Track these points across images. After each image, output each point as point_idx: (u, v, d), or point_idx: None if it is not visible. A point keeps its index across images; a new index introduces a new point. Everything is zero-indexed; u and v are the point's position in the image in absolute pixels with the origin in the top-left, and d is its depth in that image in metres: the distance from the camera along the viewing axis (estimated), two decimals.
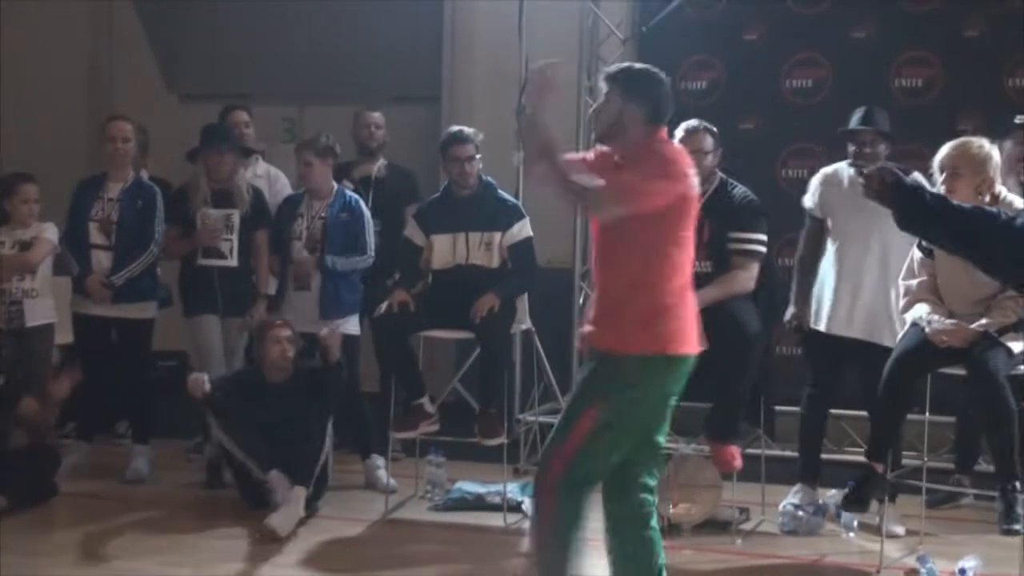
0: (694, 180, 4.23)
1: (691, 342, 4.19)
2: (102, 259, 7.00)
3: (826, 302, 6.16)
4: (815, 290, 6.22)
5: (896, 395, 5.47)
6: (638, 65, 4.49)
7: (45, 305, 7.01)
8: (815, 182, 6.27)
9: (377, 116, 7.67)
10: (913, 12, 7.74)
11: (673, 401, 4.27)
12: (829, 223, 6.20)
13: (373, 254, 6.93)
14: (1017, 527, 5.34)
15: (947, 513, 6.39)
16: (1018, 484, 5.38)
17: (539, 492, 4.25)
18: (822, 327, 6.17)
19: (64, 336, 7.27)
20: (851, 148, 6.12)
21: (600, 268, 4.29)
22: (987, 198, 5.39)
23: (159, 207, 7.07)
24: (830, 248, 6.20)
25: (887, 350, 5.64)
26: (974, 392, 5.39)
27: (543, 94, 4.15)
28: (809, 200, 6.26)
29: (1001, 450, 5.38)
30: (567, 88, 8.02)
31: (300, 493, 6.10)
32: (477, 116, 8.19)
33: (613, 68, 4.37)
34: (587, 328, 4.30)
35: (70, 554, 5.72)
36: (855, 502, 5.72)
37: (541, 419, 7.52)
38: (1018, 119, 6.80)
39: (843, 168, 6.18)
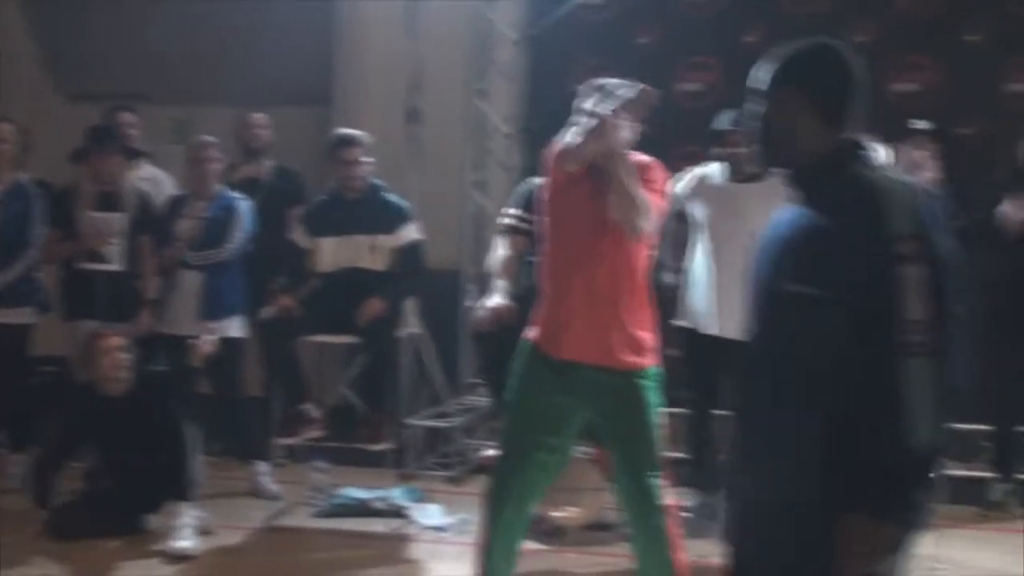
0: None
1: None
2: None
3: (704, 304, 6.15)
4: (688, 292, 6.21)
5: None
6: None
7: None
8: (689, 177, 6.24)
9: (261, 117, 7.57)
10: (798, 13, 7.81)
11: None
12: (700, 220, 6.17)
13: (231, 248, 6.74)
14: None
15: None
16: None
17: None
18: (701, 330, 6.15)
19: None
20: (721, 150, 6.14)
21: (603, 278, 4.30)
22: None
23: (38, 210, 6.90)
24: (704, 250, 6.18)
25: None
26: None
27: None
28: (679, 188, 6.20)
29: None
30: (455, 91, 8.02)
31: (185, 508, 5.94)
32: (368, 118, 8.12)
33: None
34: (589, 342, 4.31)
35: None
36: None
37: (428, 423, 7.45)
38: (915, 124, 6.91)
39: (717, 169, 6.17)
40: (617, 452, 4.48)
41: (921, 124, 6.85)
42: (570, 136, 4.26)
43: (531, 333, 4.52)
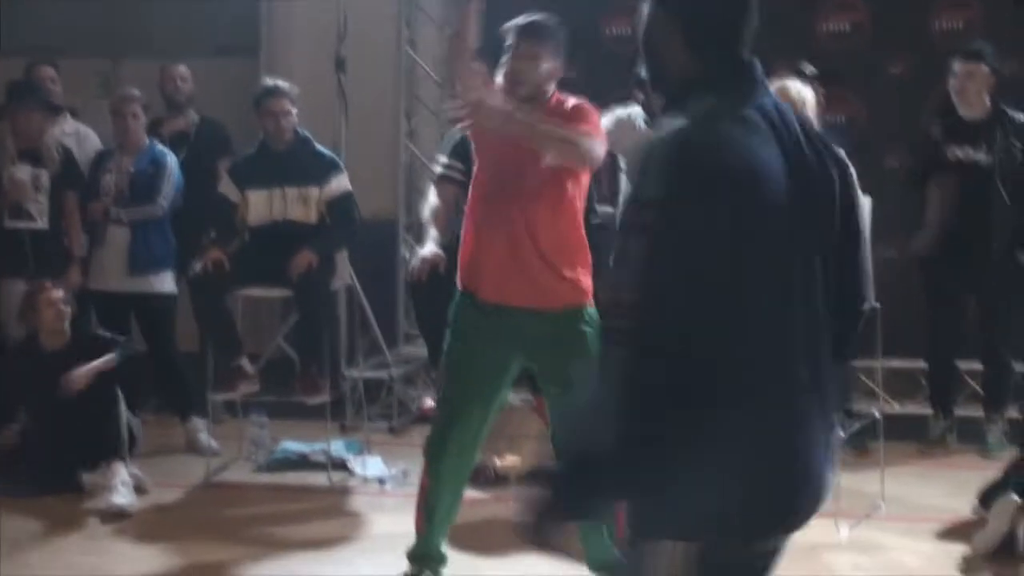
0: None
1: None
2: None
3: None
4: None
5: None
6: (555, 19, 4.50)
7: None
8: (607, 121, 6.19)
9: (182, 69, 7.44)
10: None
11: None
12: (622, 163, 6.14)
13: (163, 203, 6.68)
14: None
15: None
16: None
17: None
18: None
19: None
20: (642, 96, 6.07)
21: (538, 218, 4.28)
22: None
23: None
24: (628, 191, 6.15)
25: None
26: None
27: (458, 62, 4.24)
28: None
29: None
30: (384, 39, 7.91)
31: (119, 467, 5.85)
32: (296, 69, 8.04)
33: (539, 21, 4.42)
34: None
35: None
36: None
37: (367, 375, 7.40)
38: (805, 68, 6.89)
39: (637, 111, 6.14)
40: (554, 400, 4.45)
41: (807, 69, 6.87)
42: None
43: (459, 280, 4.49)
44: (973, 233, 6.41)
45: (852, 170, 2.51)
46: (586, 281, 4.38)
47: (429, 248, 5.65)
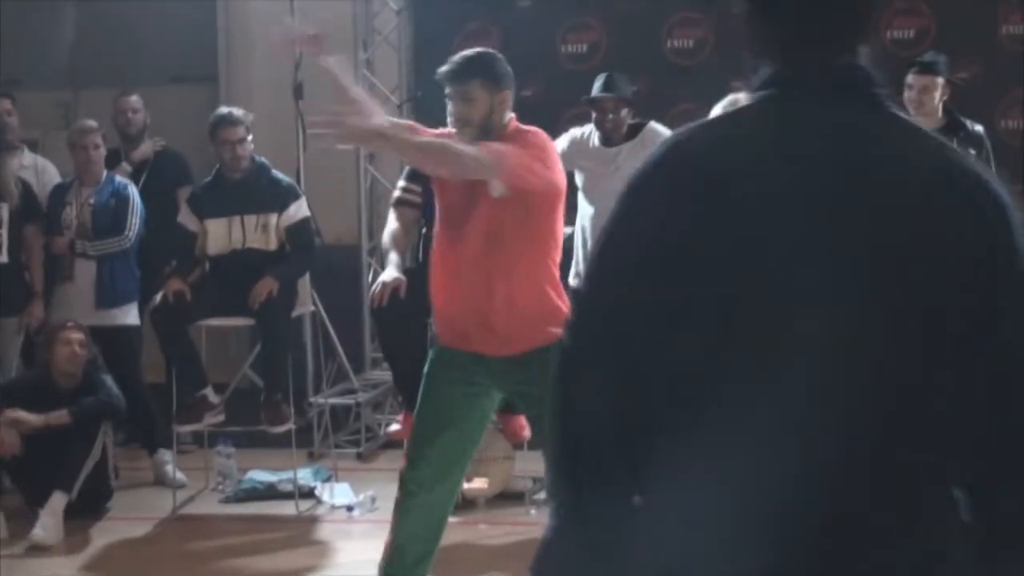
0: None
1: None
2: None
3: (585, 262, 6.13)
4: (579, 251, 6.17)
5: None
6: (482, 51, 4.46)
7: None
8: (563, 142, 6.19)
9: (134, 100, 7.35)
10: None
11: None
12: (579, 182, 6.12)
13: (130, 236, 6.63)
14: None
15: None
16: None
17: None
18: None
19: None
20: (594, 115, 6.13)
21: (487, 257, 4.16)
22: None
23: None
24: (586, 210, 6.14)
25: None
26: None
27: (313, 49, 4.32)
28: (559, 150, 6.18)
29: None
30: (344, 60, 7.86)
31: (59, 500, 5.79)
32: (255, 96, 8.01)
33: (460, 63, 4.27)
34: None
35: None
36: None
37: (332, 401, 7.36)
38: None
39: (591, 129, 6.18)
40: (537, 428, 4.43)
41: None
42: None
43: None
44: None
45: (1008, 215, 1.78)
46: (551, 308, 4.20)
47: (389, 272, 5.59)
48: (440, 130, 4.41)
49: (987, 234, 1.76)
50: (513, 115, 4.34)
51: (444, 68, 4.30)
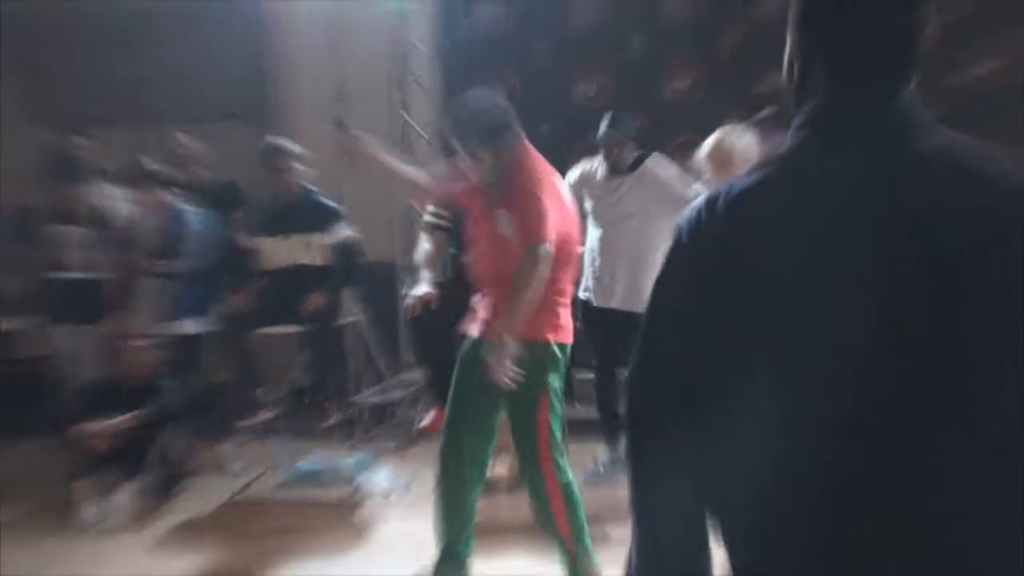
0: None
1: None
2: None
3: (593, 281, 6.27)
4: (588, 268, 6.30)
5: None
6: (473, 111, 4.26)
7: None
8: (573, 174, 6.30)
9: (183, 136, 7.53)
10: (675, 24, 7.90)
11: None
12: (587, 208, 6.23)
13: (191, 256, 6.76)
14: None
15: None
16: None
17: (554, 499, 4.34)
18: (594, 302, 6.27)
19: None
20: (603, 151, 6.21)
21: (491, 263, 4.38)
22: None
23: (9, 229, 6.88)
24: (593, 233, 6.26)
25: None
26: None
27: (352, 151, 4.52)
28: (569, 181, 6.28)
29: None
30: (379, 101, 8.01)
31: (130, 487, 5.96)
32: (302, 130, 8.09)
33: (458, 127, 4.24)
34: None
35: None
36: None
37: (372, 399, 7.47)
38: (763, 113, 7.01)
39: (600, 161, 6.25)
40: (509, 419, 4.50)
41: (766, 112, 6.97)
42: None
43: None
44: None
45: None
46: (548, 317, 4.29)
47: (422, 287, 5.78)
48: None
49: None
50: (515, 146, 4.26)
51: (447, 124, 4.28)
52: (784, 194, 1.75)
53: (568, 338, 4.37)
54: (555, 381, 4.29)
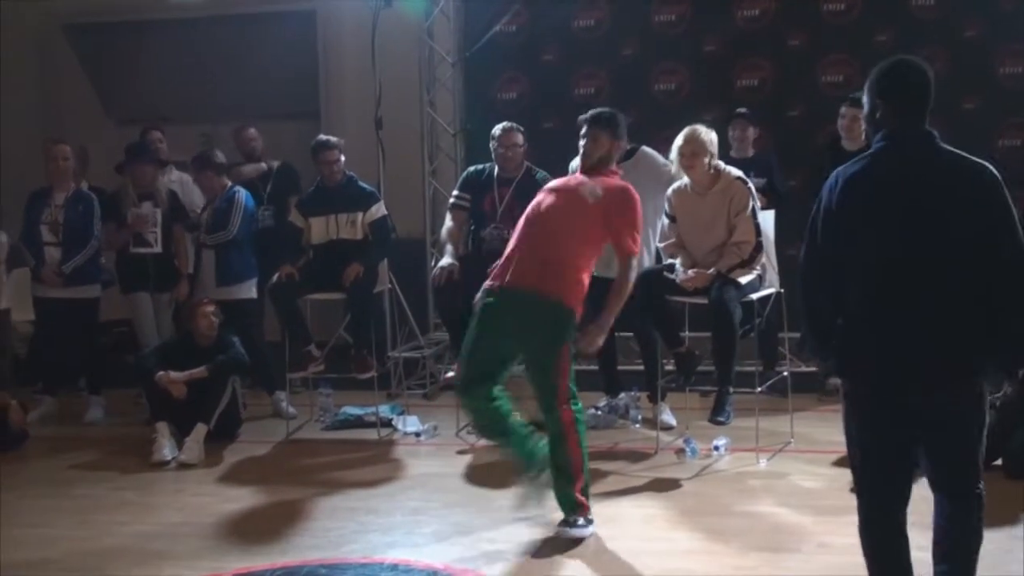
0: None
1: None
2: (53, 253, 6.66)
3: None
4: None
5: (649, 297, 5.36)
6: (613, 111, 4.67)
7: (3, 295, 6.72)
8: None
9: (253, 131, 7.37)
10: (666, 33, 7.71)
11: None
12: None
13: (232, 230, 6.55)
14: (722, 419, 5.31)
15: (707, 404, 6.34)
16: (730, 387, 5.33)
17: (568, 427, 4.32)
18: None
19: (27, 314, 6.94)
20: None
21: (553, 238, 4.39)
22: (712, 170, 5.37)
23: (96, 210, 6.76)
24: None
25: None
26: (712, 317, 5.25)
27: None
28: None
29: (723, 359, 5.28)
30: (411, 103, 7.87)
31: (201, 429, 5.85)
32: (348, 126, 7.99)
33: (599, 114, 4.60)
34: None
35: (39, 485, 5.43)
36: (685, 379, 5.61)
37: (405, 355, 7.38)
38: (740, 110, 6.86)
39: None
40: (528, 362, 4.44)
41: (741, 110, 6.84)
42: None
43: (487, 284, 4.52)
44: None
45: (999, 185, 2.95)
46: (576, 289, 4.38)
47: (446, 260, 5.68)
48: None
49: (985, 193, 2.96)
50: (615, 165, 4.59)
51: (588, 114, 4.59)
52: (875, 174, 3.04)
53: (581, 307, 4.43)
54: (571, 338, 4.33)
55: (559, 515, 4.39)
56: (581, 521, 4.32)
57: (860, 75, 7.24)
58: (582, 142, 4.55)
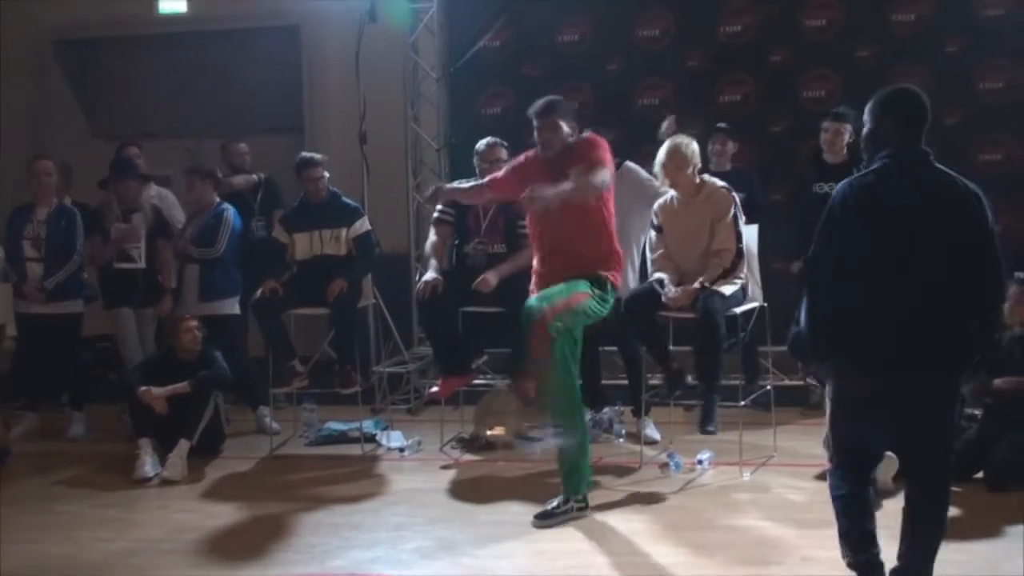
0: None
1: None
2: (35, 269, 6.64)
3: None
4: None
5: (634, 317, 5.40)
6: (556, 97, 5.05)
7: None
8: None
9: (242, 146, 7.38)
10: (651, 46, 7.74)
11: None
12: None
13: (219, 248, 6.60)
14: (711, 428, 5.34)
15: (691, 418, 6.34)
16: (717, 396, 5.35)
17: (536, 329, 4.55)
18: None
19: (9, 330, 6.85)
20: None
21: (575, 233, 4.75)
22: (697, 179, 5.41)
23: (79, 226, 6.74)
24: None
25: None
26: (699, 327, 5.24)
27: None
28: None
29: (709, 370, 5.28)
30: (395, 118, 7.89)
31: (184, 445, 5.80)
32: (332, 141, 8.00)
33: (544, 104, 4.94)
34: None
35: (21, 502, 5.39)
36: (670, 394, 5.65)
37: (389, 369, 7.36)
38: (720, 125, 6.89)
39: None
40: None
41: (721, 125, 6.88)
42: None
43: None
44: None
45: (982, 204, 3.39)
46: (605, 266, 4.84)
47: (430, 274, 5.69)
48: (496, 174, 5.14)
49: (971, 209, 3.39)
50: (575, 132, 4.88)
51: (534, 107, 4.88)
52: (883, 185, 3.43)
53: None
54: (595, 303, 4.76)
55: (540, 534, 4.45)
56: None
57: (842, 90, 7.40)
58: (541, 135, 4.85)
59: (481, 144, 6.01)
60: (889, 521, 3.66)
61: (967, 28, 7.30)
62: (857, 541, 3.55)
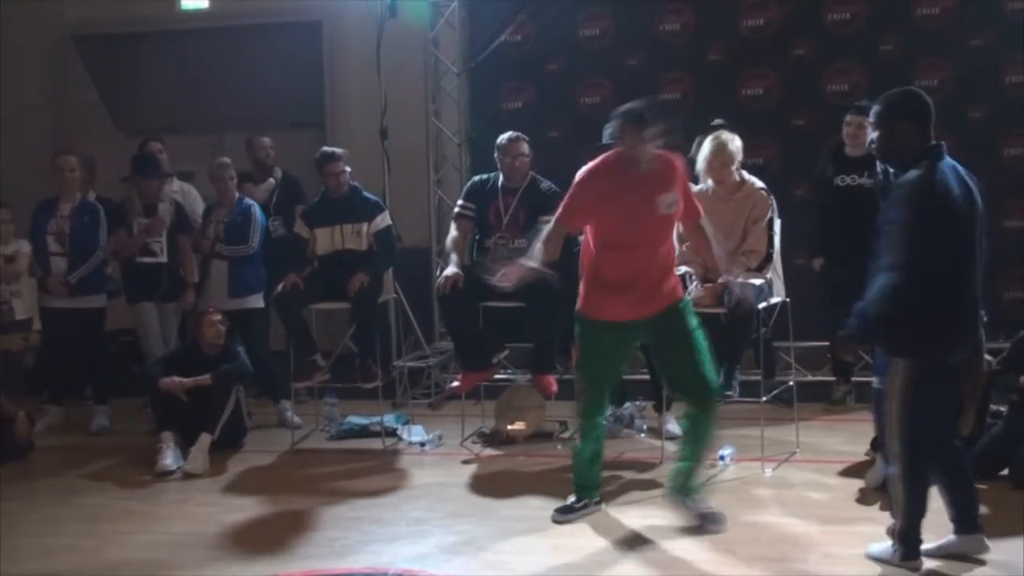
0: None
1: None
2: (59, 263, 6.67)
3: None
4: None
5: None
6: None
7: (27, 303, 6.72)
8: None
9: (267, 140, 7.36)
10: (672, 41, 7.70)
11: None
12: None
13: (253, 244, 6.64)
14: (730, 392, 5.26)
15: None
16: (737, 367, 5.35)
17: None
18: None
19: (34, 324, 6.90)
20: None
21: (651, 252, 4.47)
22: (738, 176, 5.38)
23: (102, 221, 6.76)
24: None
25: None
26: (731, 316, 5.12)
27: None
28: None
29: (737, 343, 5.26)
30: (416, 113, 7.88)
31: (205, 439, 5.81)
32: (354, 136, 8.01)
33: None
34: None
35: (44, 495, 5.42)
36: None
37: (410, 364, 7.34)
38: (716, 121, 6.82)
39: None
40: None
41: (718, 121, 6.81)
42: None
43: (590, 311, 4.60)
44: (861, 240, 6.28)
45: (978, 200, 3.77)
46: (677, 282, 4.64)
47: (451, 269, 5.67)
48: None
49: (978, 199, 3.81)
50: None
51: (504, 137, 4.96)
52: (948, 179, 3.74)
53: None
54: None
55: (560, 529, 4.44)
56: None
57: (865, 84, 7.33)
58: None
59: (503, 138, 5.99)
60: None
61: (992, 22, 7.21)
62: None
